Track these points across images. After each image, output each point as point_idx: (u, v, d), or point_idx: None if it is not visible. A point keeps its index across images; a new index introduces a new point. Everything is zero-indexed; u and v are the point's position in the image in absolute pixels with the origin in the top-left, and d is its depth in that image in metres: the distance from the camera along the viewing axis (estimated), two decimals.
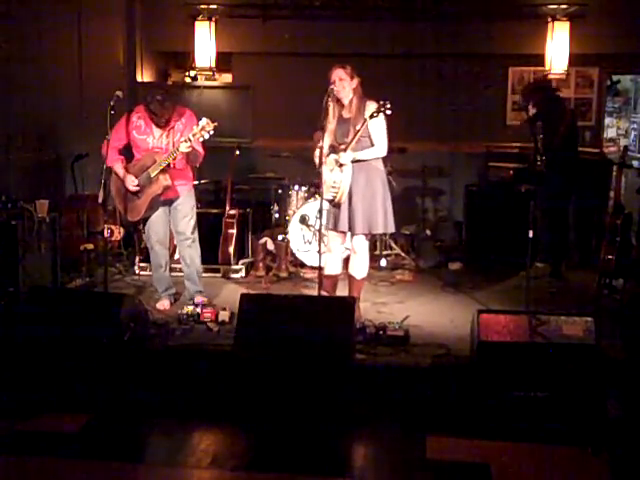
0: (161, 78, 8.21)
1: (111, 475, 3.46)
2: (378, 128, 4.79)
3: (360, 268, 5.03)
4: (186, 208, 5.38)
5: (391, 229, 5.04)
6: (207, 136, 4.89)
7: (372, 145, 4.81)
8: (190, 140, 4.88)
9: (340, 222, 4.86)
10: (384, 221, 4.89)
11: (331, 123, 4.86)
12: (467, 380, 4.09)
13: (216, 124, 4.89)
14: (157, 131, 5.16)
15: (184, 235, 5.41)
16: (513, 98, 7.66)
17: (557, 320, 4.12)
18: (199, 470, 3.51)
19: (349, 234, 5.00)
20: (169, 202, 5.31)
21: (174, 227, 5.42)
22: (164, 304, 5.41)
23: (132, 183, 5.13)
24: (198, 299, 5.40)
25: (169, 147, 5.09)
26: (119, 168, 5.17)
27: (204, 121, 4.87)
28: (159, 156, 5.06)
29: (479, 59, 7.55)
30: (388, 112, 4.66)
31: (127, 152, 5.29)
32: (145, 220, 5.33)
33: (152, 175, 5.07)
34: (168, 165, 5.06)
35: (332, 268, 5.03)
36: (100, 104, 5.12)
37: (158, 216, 5.30)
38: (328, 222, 4.93)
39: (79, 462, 3.54)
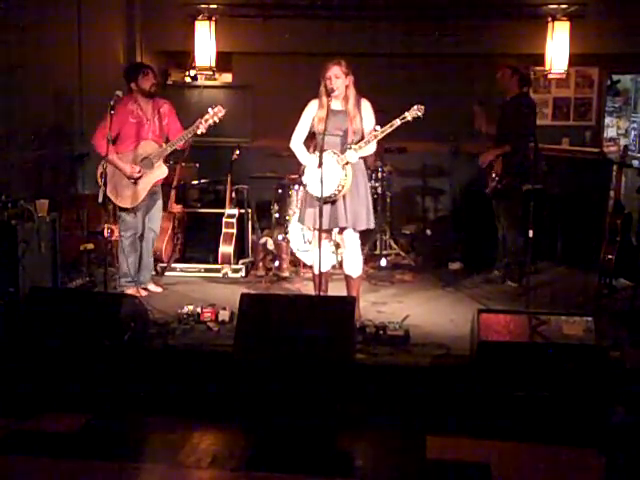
0: (161, 78, 8.20)
1: (111, 475, 3.46)
2: (371, 125, 4.84)
3: (354, 265, 5.01)
4: (160, 201, 5.71)
5: (372, 225, 5.06)
6: (215, 121, 5.27)
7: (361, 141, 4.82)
8: (202, 124, 5.23)
9: (339, 219, 4.83)
10: (367, 217, 4.92)
11: (320, 112, 4.84)
12: (467, 380, 4.09)
13: (225, 110, 5.27)
14: (149, 113, 5.44)
15: (155, 230, 5.70)
16: None
17: (557, 320, 4.13)
18: (199, 470, 3.50)
19: (334, 231, 5.05)
20: (151, 192, 5.54)
21: (151, 220, 5.64)
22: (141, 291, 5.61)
23: (135, 170, 5.35)
24: (157, 288, 5.76)
25: (157, 131, 5.43)
26: (116, 158, 5.32)
27: (217, 107, 5.25)
28: (164, 142, 5.41)
29: (479, 59, 7.55)
30: (421, 115, 4.68)
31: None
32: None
33: (155, 161, 5.38)
34: (174, 150, 5.45)
35: (322, 266, 4.96)
36: (100, 104, 5.13)
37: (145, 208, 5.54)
38: (315, 221, 4.84)
39: (79, 462, 3.54)
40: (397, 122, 4.68)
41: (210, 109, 5.28)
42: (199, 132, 5.30)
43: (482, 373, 4.05)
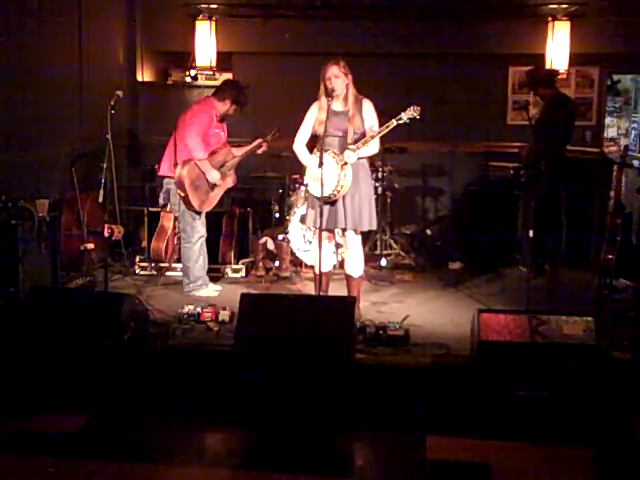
0: (161, 78, 8.21)
1: (111, 475, 3.46)
2: (374, 125, 4.81)
3: (355, 265, 5.02)
4: None
5: (374, 226, 5.09)
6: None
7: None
8: (268, 142, 5.78)
9: (338, 219, 4.86)
10: (369, 218, 4.93)
11: (320, 114, 4.86)
12: (467, 380, 4.09)
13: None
14: (221, 125, 5.74)
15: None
16: (513, 98, 7.67)
17: (557, 320, 4.13)
18: (199, 470, 3.51)
19: (337, 231, 5.05)
20: None
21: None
22: (216, 288, 5.80)
23: (217, 177, 5.57)
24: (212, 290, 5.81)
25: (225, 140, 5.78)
26: (207, 162, 5.53)
27: (275, 129, 5.81)
28: (236, 151, 5.76)
29: (479, 59, 7.55)
30: (418, 117, 4.68)
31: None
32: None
33: (229, 170, 5.68)
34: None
35: (323, 266, 4.96)
36: (100, 104, 5.13)
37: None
38: (316, 221, 4.84)
39: (79, 462, 3.54)
40: (393, 123, 4.68)
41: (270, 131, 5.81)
42: (260, 151, 5.81)
43: (482, 373, 4.04)
